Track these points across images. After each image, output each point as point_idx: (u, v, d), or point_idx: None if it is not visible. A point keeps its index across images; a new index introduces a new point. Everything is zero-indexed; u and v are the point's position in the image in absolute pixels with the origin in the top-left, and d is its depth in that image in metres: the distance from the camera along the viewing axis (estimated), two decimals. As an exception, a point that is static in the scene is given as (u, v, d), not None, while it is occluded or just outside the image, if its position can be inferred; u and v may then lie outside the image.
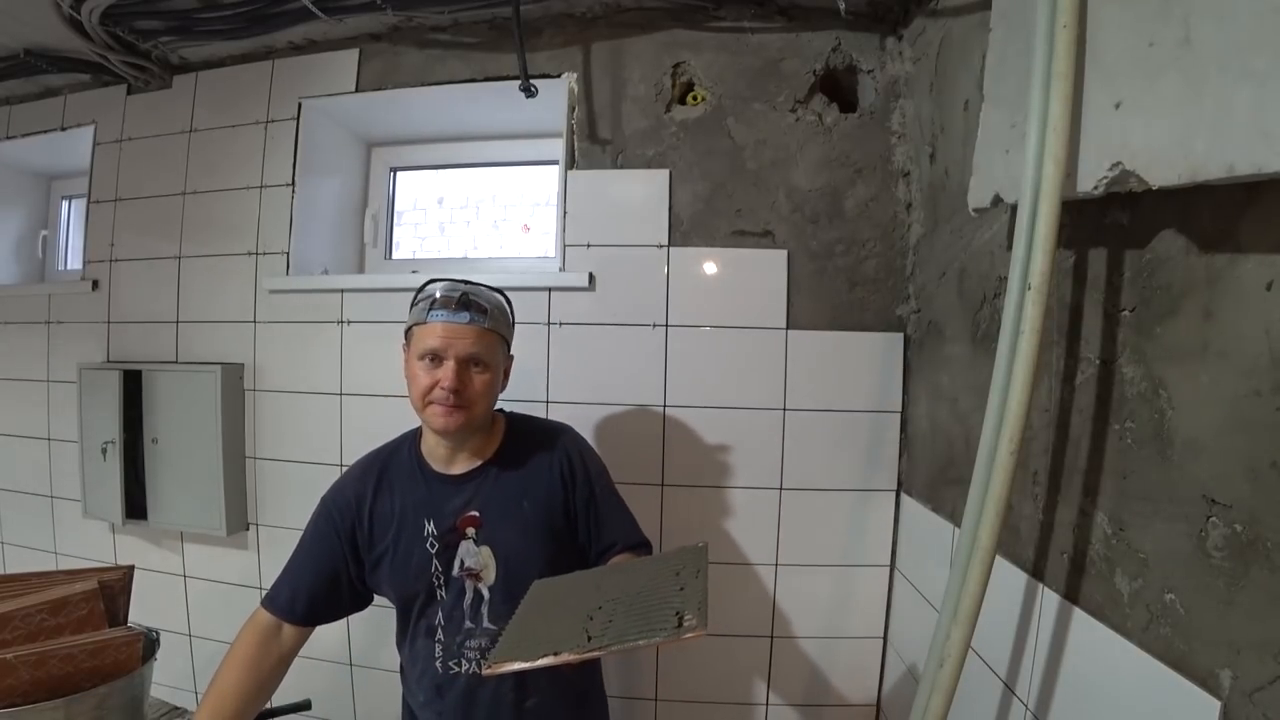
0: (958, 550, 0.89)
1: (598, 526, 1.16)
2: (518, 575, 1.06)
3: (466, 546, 1.09)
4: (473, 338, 1.05)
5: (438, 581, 1.09)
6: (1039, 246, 0.78)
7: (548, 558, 1.09)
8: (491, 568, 1.08)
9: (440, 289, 1.09)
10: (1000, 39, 0.95)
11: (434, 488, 1.12)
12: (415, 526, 1.10)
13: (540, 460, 1.15)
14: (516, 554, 1.09)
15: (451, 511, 1.10)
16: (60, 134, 1.99)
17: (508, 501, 1.11)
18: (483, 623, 1.08)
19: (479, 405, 1.07)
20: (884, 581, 1.55)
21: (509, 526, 1.09)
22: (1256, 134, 0.53)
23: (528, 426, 1.21)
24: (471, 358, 1.06)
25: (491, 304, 1.10)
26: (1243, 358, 0.61)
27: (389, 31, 1.70)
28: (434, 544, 1.09)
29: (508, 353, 1.16)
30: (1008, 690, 1.00)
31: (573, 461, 1.16)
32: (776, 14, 1.54)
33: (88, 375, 1.85)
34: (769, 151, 1.55)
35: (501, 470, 1.13)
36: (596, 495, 1.16)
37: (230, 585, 1.84)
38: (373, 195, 2.02)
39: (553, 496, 1.13)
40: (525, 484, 1.13)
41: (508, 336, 1.15)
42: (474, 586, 1.08)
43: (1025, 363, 0.80)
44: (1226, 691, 0.61)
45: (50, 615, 0.89)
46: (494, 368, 1.09)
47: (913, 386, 1.50)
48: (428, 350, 1.05)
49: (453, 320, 1.05)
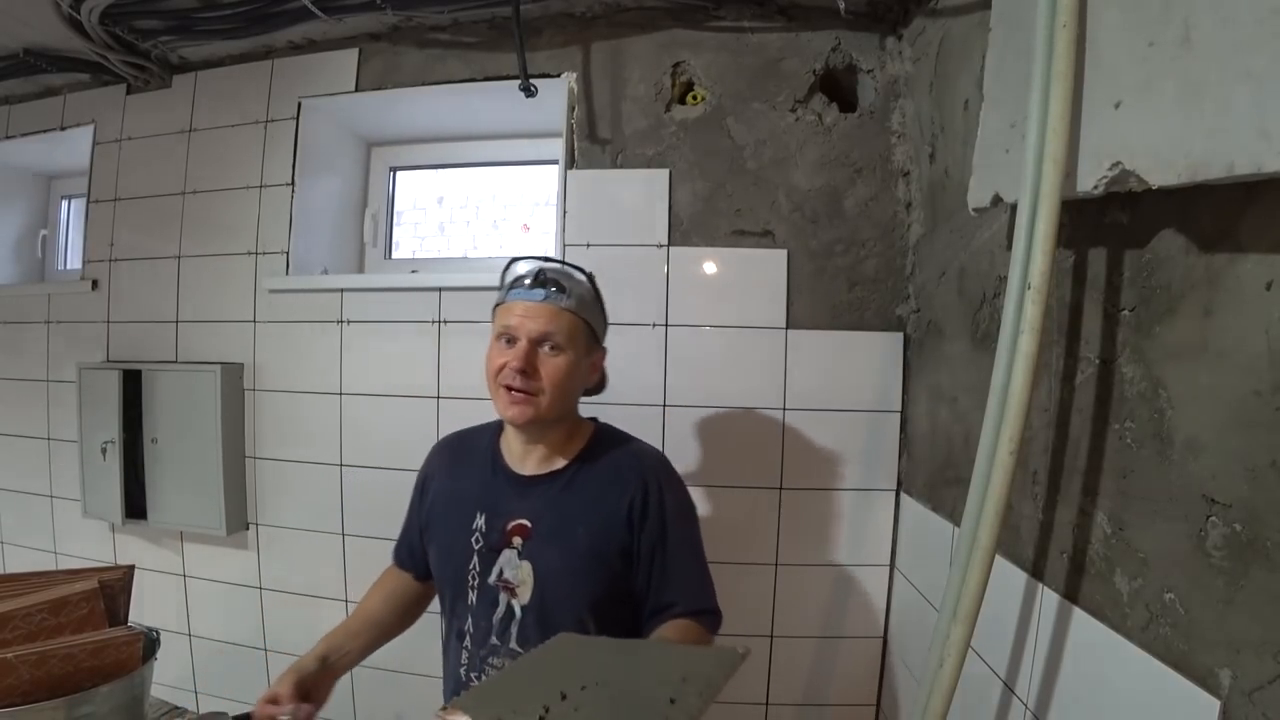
0: (957, 550, 0.89)
1: (659, 580, 1.00)
2: (553, 605, 0.97)
3: (509, 556, 1.00)
4: (546, 316, 0.96)
5: (471, 582, 1.01)
6: (1039, 246, 0.78)
7: (590, 598, 0.98)
8: (529, 586, 0.98)
9: (520, 266, 1.02)
10: (1000, 38, 0.95)
11: (497, 481, 1.05)
12: (466, 516, 1.03)
13: (613, 486, 1.01)
14: (556, 583, 0.98)
15: (505, 512, 1.01)
16: (60, 133, 1.99)
17: (563, 521, 0.99)
18: (510, 642, 0.99)
19: (550, 394, 0.97)
20: (884, 581, 1.55)
21: (556, 550, 0.98)
22: (1256, 134, 0.53)
23: (614, 442, 1.08)
24: (543, 337, 0.96)
25: (573, 283, 1.00)
26: (1242, 357, 0.61)
27: (389, 31, 1.70)
28: (479, 540, 1.01)
29: (595, 342, 1.05)
30: (1007, 690, 1.00)
31: (648, 497, 1.00)
32: (776, 14, 1.54)
33: (87, 375, 1.85)
34: (769, 151, 1.55)
35: (569, 484, 1.02)
36: (667, 543, 1.00)
37: (230, 585, 1.84)
38: (372, 195, 2.02)
39: (613, 531, 0.99)
40: (588, 508, 1.00)
41: (592, 321, 1.02)
42: (508, 601, 0.99)
43: (1025, 362, 0.80)
44: (1226, 691, 0.61)
45: (50, 615, 0.89)
46: (571, 353, 0.98)
47: (912, 386, 1.50)
48: (502, 329, 0.98)
49: (527, 297, 0.97)
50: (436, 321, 1.68)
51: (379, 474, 1.72)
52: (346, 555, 1.75)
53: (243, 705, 0.97)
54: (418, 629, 1.70)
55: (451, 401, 1.67)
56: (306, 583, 1.79)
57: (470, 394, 1.66)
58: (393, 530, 1.72)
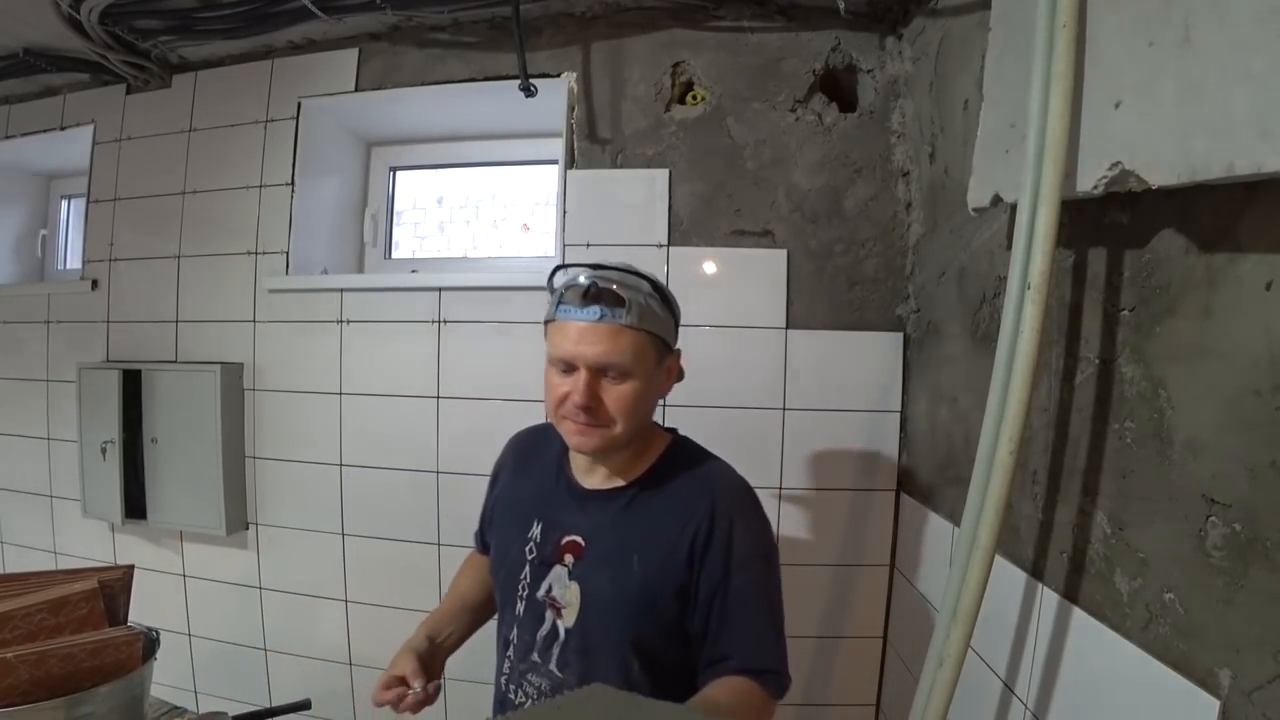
0: (957, 549, 0.89)
1: (716, 628, 0.87)
2: (596, 635, 0.89)
3: (559, 573, 0.92)
4: (606, 341, 0.85)
5: (520, 592, 0.95)
6: (1038, 246, 0.78)
7: (635, 636, 0.88)
8: (574, 609, 0.90)
9: (564, 278, 0.89)
10: (1000, 38, 0.95)
11: (559, 491, 0.98)
12: (525, 522, 0.97)
13: (677, 514, 0.90)
14: (600, 612, 0.89)
15: (561, 526, 0.94)
16: (59, 133, 1.99)
17: (618, 547, 0.90)
18: (549, 663, 0.91)
19: (622, 423, 0.87)
20: (884, 581, 1.55)
21: (606, 577, 0.89)
22: (1256, 134, 0.53)
23: (689, 461, 0.97)
24: (604, 366, 0.86)
25: (632, 292, 0.86)
26: (1242, 357, 0.61)
27: (388, 31, 1.70)
28: (532, 551, 0.95)
29: (667, 348, 0.93)
30: (1007, 689, 1.00)
31: (714, 532, 0.88)
32: (776, 13, 1.54)
33: (87, 375, 1.85)
34: (768, 151, 1.55)
35: (631, 504, 0.92)
36: (730, 587, 0.87)
37: (230, 585, 1.84)
38: (372, 195, 2.02)
39: (670, 568, 0.88)
40: (646, 536, 0.90)
41: (660, 331, 0.89)
42: (553, 620, 0.92)
43: (1025, 362, 0.80)
44: (1225, 691, 0.61)
45: (50, 615, 0.88)
46: (640, 375, 0.87)
47: (912, 386, 1.50)
48: (557, 356, 0.88)
49: (580, 318, 0.85)
50: (436, 321, 1.68)
51: (379, 474, 1.72)
52: (346, 555, 1.75)
53: (242, 705, 0.97)
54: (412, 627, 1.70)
55: (451, 401, 1.67)
56: (306, 582, 1.79)
57: (470, 394, 1.66)
58: (392, 529, 1.73)
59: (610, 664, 0.88)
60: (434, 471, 1.68)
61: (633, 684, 0.87)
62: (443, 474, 1.68)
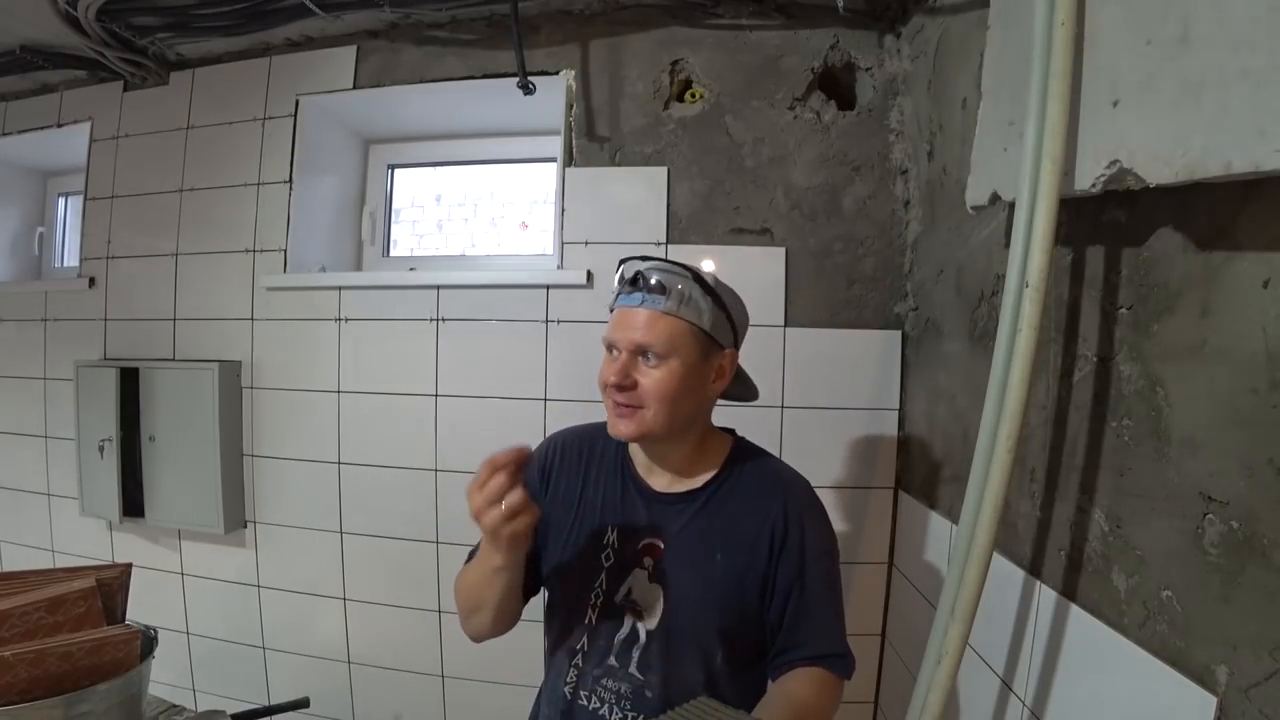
0: (955, 547, 0.89)
1: (793, 619, 0.92)
2: (680, 633, 0.92)
3: (639, 576, 0.93)
4: (643, 323, 0.88)
5: (594, 599, 0.95)
6: (1037, 244, 0.78)
7: (724, 628, 0.92)
8: (657, 610, 0.92)
9: (623, 267, 0.93)
10: (998, 37, 0.95)
11: (629, 494, 0.98)
12: (597, 528, 0.96)
13: (753, 510, 0.94)
14: (688, 610, 0.92)
15: (639, 528, 0.95)
16: (56, 130, 1.99)
17: (700, 546, 0.93)
18: (629, 666, 0.92)
19: (655, 409, 0.89)
20: (882, 578, 1.55)
21: (691, 576, 0.92)
22: (1254, 132, 0.53)
23: (755, 462, 1.00)
24: (640, 347, 0.88)
25: (675, 282, 0.89)
26: (1240, 355, 0.62)
27: (386, 28, 1.70)
28: (610, 556, 0.95)
29: (716, 346, 0.93)
30: (1005, 687, 1.00)
31: (789, 525, 0.93)
32: (775, 11, 1.54)
33: (84, 373, 1.85)
34: (767, 149, 1.54)
35: (705, 504, 0.95)
36: (805, 579, 0.92)
37: (228, 583, 1.84)
38: (370, 192, 2.01)
39: (754, 559, 0.92)
40: (727, 533, 0.93)
41: (703, 324, 0.90)
42: (633, 623, 0.93)
43: (1023, 360, 0.80)
44: (1223, 687, 0.61)
45: (48, 613, 0.88)
46: (675, 361, 0.88)
47: (910, 384, 1.50)
48: (604, 339, 0.93)
49: (626, 303, 0.90)
50: (435, 319, 1.67)
51: (377, 472, 1.72)
52: (344, 553, 1.75)
53: (241, 703, 0.97)
54: (410, 625, 1.71)
55: (449, 399, 1.67)
56: (304, 580, 1.79)
57: (468, 392, 1.66)
58: (390, 528, 1.73)
59: (694, 659, 0.92)
60: (432, 470, 1.68)
61: (714, 674, 0.92)
62: (441, 472, 1.68)
